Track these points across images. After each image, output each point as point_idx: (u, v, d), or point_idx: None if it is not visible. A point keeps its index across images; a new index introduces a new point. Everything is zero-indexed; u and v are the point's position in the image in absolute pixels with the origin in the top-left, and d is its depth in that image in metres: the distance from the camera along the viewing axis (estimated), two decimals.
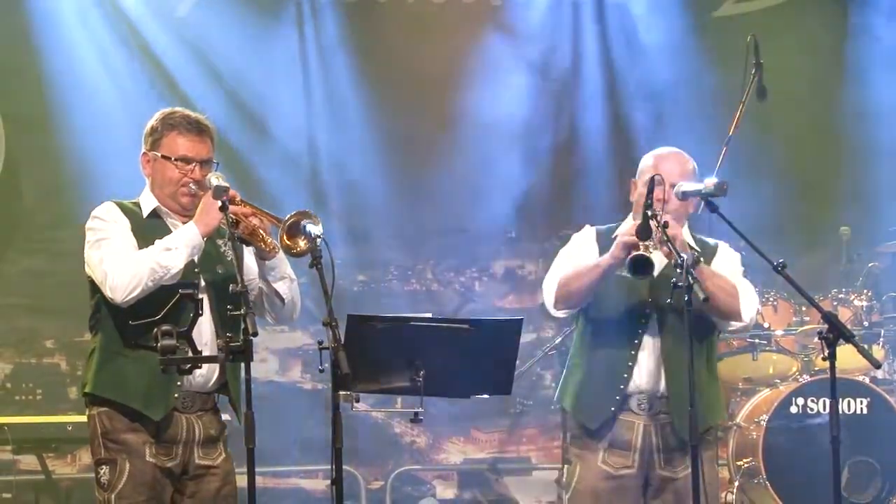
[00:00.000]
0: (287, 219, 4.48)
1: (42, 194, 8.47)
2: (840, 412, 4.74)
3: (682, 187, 4.95)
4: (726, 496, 7.29)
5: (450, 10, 8.89)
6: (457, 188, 8.80)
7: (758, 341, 7.66)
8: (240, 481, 4.64)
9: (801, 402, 7.22)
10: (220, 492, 4.67)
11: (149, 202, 4.69)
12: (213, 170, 4.64)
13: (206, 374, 4.61)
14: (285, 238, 4.47)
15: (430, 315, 4.95)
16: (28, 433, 7.28)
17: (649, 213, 4.73)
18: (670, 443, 4.97)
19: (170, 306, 4.44)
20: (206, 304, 4.51)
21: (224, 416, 4.78)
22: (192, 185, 4.64)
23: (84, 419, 4.72)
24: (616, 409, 4.95)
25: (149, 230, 4.60)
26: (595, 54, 8.98)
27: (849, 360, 5.71)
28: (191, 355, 4.39)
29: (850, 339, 4.64)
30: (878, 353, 7.48)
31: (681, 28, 9.00)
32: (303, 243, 4.47)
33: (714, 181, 4.90)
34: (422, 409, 4.53)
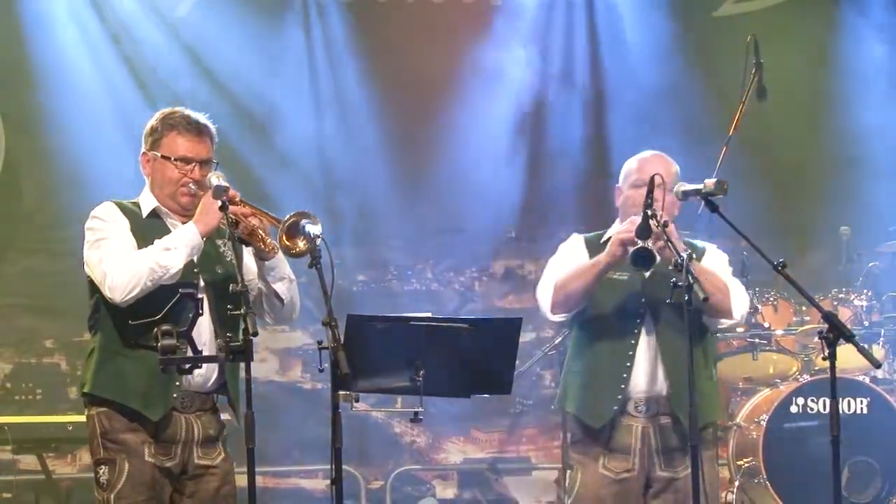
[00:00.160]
0: (286, 219, 4.48)
1: (42, 194, 8.46)
2: (840, 412, 4.73)
3: (682, 187, 4.95)
4: (726, 496, 7.29)
5: (450, 9, 8.89)
6: (457, 188, 8.80)
7: (758, 341, 7.65)
8: (240, 481, 4.64)
9: (801, 401, 7.21)
10: (220, 491, 4.67)
11: (148, 202, 4.69)
12: (212, 170, 4.64)
13: (205, 374, 4.60)
14: (284, 238, 4.47)
15: (429, 315, 4.95)
16: (28, 433, 7.27)
17: (649, 212, 4.73)
18: (670, 443, 4.96)
19: (170, 306, 4.44)
20: (206, 305, 4.50)
21: (224, 416, 4.78)
22: (191, 185, 4.64)
23: (84, 419, 4.71)
24: (617, 409, 4.95)
25: (148, 230, 4.60)
26: (595, 55, 8.97)
27: (849, 359, 5.71)
28: (191, 355, 4.39)
29: (850, 338, 4.63)
30: (878, 352, 7.47)
31: (680, 28, 9.00)
32: (302, 244, 4.46)
33: (714, 181, 4.89)
34: (422, 409, 4.53)
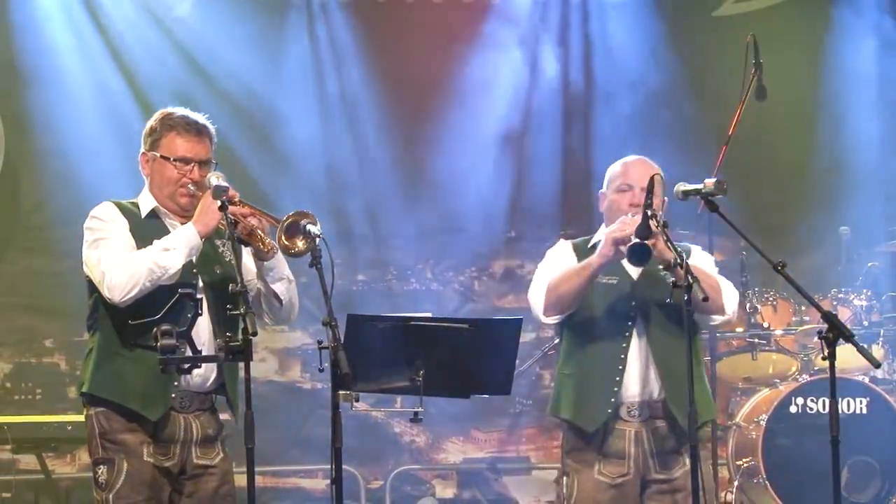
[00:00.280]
0: (285, 219, 4.47)
1: (41, 194, 8.46)
2: (840, 412, 4.73)
3: (682, 187, 4.95)
4: (726, 496, 7.29)
5: (449, 9, 8.88)
6: (456, 188, 8.80)
7: (757, 341, 7.66)
8: (239, 481, 4.64)
9: (800, 401, 7.21)
10: (219, 491, 4.67)
11: (147, 202, 4.69)
12: (212, 170, 4.64)
13: (203, 374, 4.60)
14: (283, 238, 4.46)
15: (429, 315, 4.95)
16: (28, 433, 7.28)
17: (649, 212, 4.73)
18: (664, 446, 4.96)
19: (169, 306, 4.44)
20: (205, 305, 4.50)
21: (223, 416, 4.78)
22: (190, 185, 4.64)
23: (83, 419, 4.71)
24: (611, 412, 4.94)
25: (147, 230, 4.60)
26: (593, 55, 8.97)
27: (848, 359, 5.71)
28: (190, 355, 4.39)
29: (849, 338, 4.63)
30: (878, 352, 7.47)
31: (680, 28, 9.00)
32: (301, 244, 4.46)
33: (713, 181, 4.89)
34: (421, 409, 4.53)
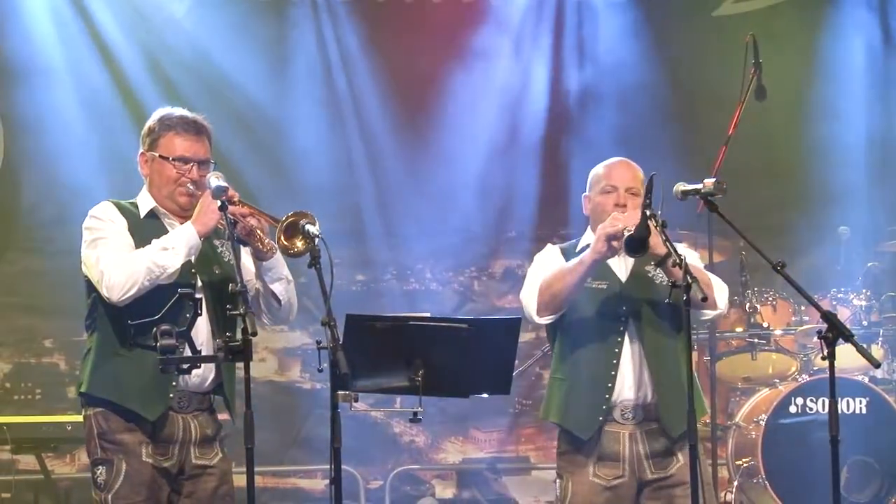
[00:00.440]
0: (284, 219, 4.47)
1: (41, 194, 8.46)
2: (839, 412, 4.73)
3: (682, 187, 4.95)
4: (725, 496, 7.29)
5: (449, 8, 8.88)
6: (456, 187, 8.79)
7: (757, 341, 7.65)
8: (238, 481, 4.64)
9: (800, 401, 7.21)
10: (218, 491, 4.67)
11: (146, 202, 4.69)
12: (210, 170, 4.64)
13: (202, 374, 4.60)
14: (282, 238, 4.46)
15: (428, 315, 4.95)
16: (27, 433, 7.27)
17: (648, 212, 4.73)
18: (658, 447, 4.95)
19: (168, 306, 4.44)
20: (203, 305, 4.50)
21: (221, 417, 4.77)
22: (189, 184, 4.64)
23: (82, 419, 4.71)
24: (602, 419, 4.94)
25: (146, 230, 4.60)
26: (591, 54, 8.96)
27: (848, 359, 5.70)
28: (189, 355, 4.39)
29: (849, 338, 4.63)
30: (877, 352, 7.47)
31: (679, 28, 9.00)
32: (300, 244, 4.46)
33: (712, 181, 4.89)
34: (421, 409, 4.53)
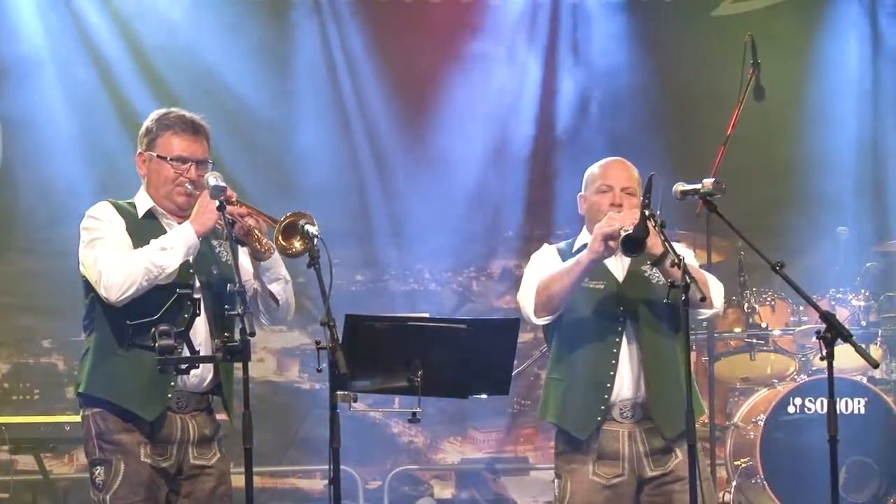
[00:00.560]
0: (283, 219, 4.47)
1: (39, 194, 8.45)
2: (838, 412, 4.73)
3: (680, 187, 4.95)
4: (724, 496, 7.29)
5: (448, 8, 8.88)
6: (454, 188, 8.80)
7: (755, 341, 7.66)
8: (237, 481, 4.64)
9: (798, 401, 7.21)
10: (216, 491, 4.66)
11: (144, 202, 4.69)
12: (208, 170, 4.63)
13: (200, 374, 4.60)
14: (281, 239, 4.46)
15: (427, 315, 4.95)
16: (25, 433, 7.28)
17: (647, 212, 4.73)
18: (657, 445, 4.95)
19: (167, 306, 4.44)
20: (202, 305, 4.49)
21: (219, 417, 4.77)
22: (187, 184, 4.64)
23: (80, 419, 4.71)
24: (601, 419, 4.93)
25: (144, 230, 4.60)
26: (590, 54, 8.97)
27: (846, 359, 5.70)
28: (188, 355, 4.39)
29: (848, 338, 4.63)
30: (876, 352, 7.48)
31: (678, 28, 9.00)
32: (298, 244, 4.46)
33: (711, 181, 4.89)
34: (419, 409, 4.53)
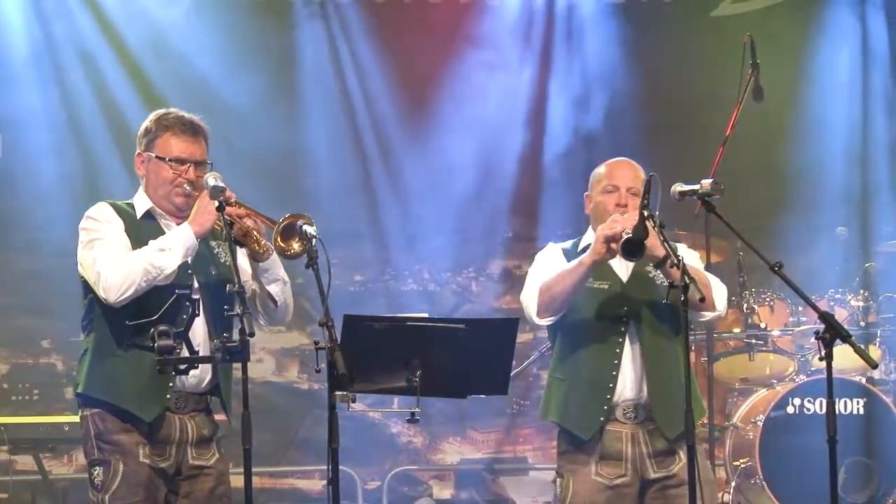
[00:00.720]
0: (281, 220, 4.47)
1: (38, 194, 8.45)
2: (837, 412, 4.74)
3: (679, 187, 4.95)
4: (723, 496, 7.29)
5: (447, 9, 8.88)
6: (453, 188, 8.80)
7: (754, 342, 7.66)
8: (236, 481, 4.64)
9: (797, 402, 7.22)
10: (214, 492, 4.66)
11: (143, 203, 4.69)
12: (207, 170, 4.63)
13: (199, 374, 4.59)
14: (279, 240, 4.46)
15: (426, 315, 4.95)
16: (24, 433, 7.29)
17: (646, 213, 4.73)
18: (659, 447, 4.95)
19: (166, 307, 4.44)
20: (200, 306, 4.50)
21: (218, 417, 4.77)
22: (186, 185, 4.64)
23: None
24: (604, 419, 4.93)
25: (142, 231, 4.59)
26: (589, 55, 8.96)
27: (845, 360, 5.71)
28: (187, 356, 4.39)
29: (847, 339, 4.62)
30: (875, 353, 7.48)
31: (677, 28, 9.00)
32: (297, 245, 4.46)
33: (710, 181, 4.89)
34: (418, 410, 4.52)
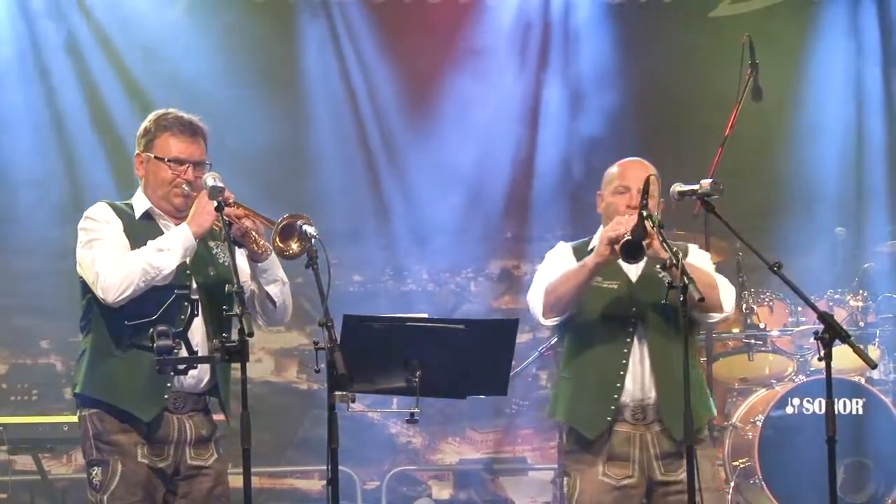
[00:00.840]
0: (280, 221, 4.47)
1: (37, 194, 8.45)
2: (836, 412, 4.73)
3: (678, 187, 4.96)
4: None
5: (447, 9, 8.89)
6: (453, 188, 8.80)
7: (754, 342, 7.66)
8: (235, 482, 4.64)
9: (796, 402, 7.22)
10: (213, 492, 4.65)
11: (141, 203, 4.68)
12: (206, 171, 4.63)
13: (197, 375, 4.59)
14: (278, 240, 4.47)
15: (425, 315, 4.95)
16: (24, 433, 7.28)
17: (644, 213, 4.73)
18: (667, 448, 4.95)
19: (165, 307, 4.44)
20: (199, 306, 4.49)
21: (217, 417, 4.77)
22: (184, 186, 4.63)
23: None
24: (611, 419, 4.93)
25: (141, 231, 4.59)
26: (589, 55, 8.97)
27: (844, 360, 5.71)
28: (186, 356, 4.39)
29: (845, 339, 4.63)
30: (874, 353, 7.48)
31: (676, 28, 9.00)
32: (295, 246, 4.46)
33: (709, 182, 4.90)
34: (418, 410, 4.53)
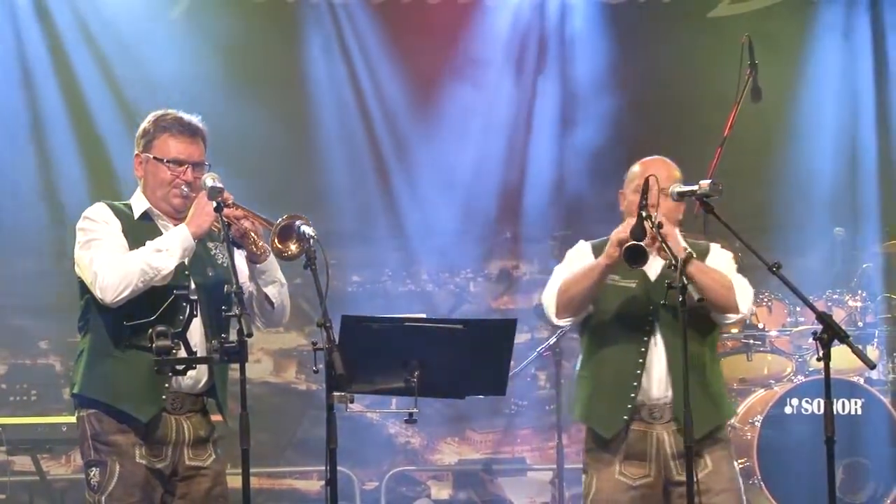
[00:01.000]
0: (279, 222, 4.47)
1: (36, 194, 8.45)
2: (834, 413, 4.74)
3: (676, 188, 4.96)
4: None
5: (446, 9, 8.89)
6: (452, 188, 8.80)
7: (752, 342, 7.66)
8: (233, 482, 4.64)
9: (795, 402, 7.22)
10: (211, 492, 4.65)
11: (140, 204, 4.68)
12: (205, 172, 4.62)
13: (196, 375, 4.58)
14: (277, 241, 4.46)
15: (424, 316, 4.95)
16: (22, 434, 7.28)
17: (643, 213, 4.74)
18: (684, 449, 4.94)
19: (164, 308, 4.44)
20: (198, 307, 4.49)
21: (215, 418, 4.77)
22: (183, 186, 4.63)
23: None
24: (628, 418, 4.93)
25: (140, 232, 4.59)
26: (588, 55, 8.97)
27: (843, 360, 5.71)
28: (185, 356, 4.39)
29: (844, 339, 4.63)
30: (873, 353, 7.49)
31: (675, 28, 9.01)
32: (294, 247, 4.46)
33: (708, 182, 4.90)
34: (416, 410, 4.53)
